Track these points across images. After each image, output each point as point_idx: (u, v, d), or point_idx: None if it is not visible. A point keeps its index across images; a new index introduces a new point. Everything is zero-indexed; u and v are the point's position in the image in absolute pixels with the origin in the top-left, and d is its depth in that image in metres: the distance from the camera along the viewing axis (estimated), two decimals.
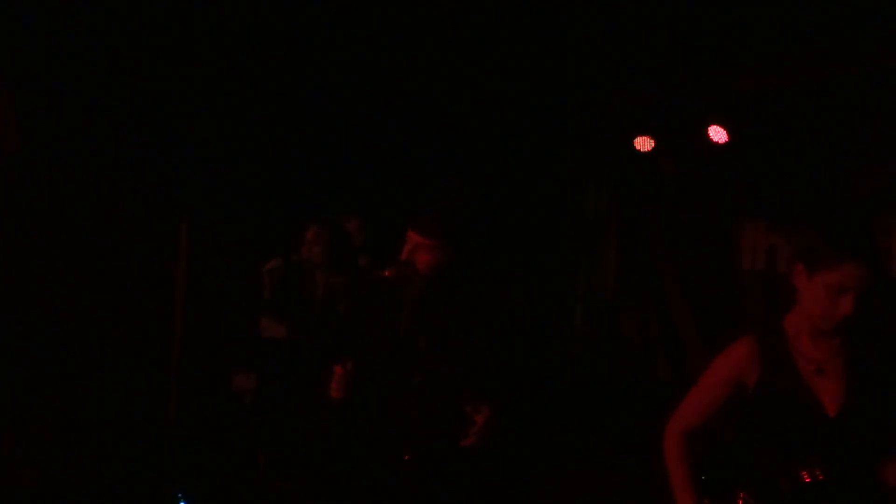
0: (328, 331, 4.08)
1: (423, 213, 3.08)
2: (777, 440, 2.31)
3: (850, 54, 4.99)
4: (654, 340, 6.04)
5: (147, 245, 5.35)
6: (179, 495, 4.83)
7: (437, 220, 3.08)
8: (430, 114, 5.93)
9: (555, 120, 6.35)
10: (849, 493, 2.25)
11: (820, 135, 5.20)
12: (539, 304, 6.28)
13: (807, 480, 2.23)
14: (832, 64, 5.09)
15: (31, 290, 4.93)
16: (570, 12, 4.88)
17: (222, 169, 5.54)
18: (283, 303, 4.79)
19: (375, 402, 3.46)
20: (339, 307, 4.32)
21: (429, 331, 3.16)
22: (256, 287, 5.01)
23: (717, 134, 5.50)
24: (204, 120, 5.41)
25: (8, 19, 4.67)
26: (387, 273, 3.25)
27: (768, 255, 5.56)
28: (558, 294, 6.45)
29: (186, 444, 5.33)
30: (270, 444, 5.14)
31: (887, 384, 2.26)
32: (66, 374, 5.02)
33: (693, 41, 5.10)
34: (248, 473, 5.11)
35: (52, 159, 4.99)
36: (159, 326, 5.43)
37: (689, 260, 5.92)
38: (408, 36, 5.13)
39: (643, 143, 5.84)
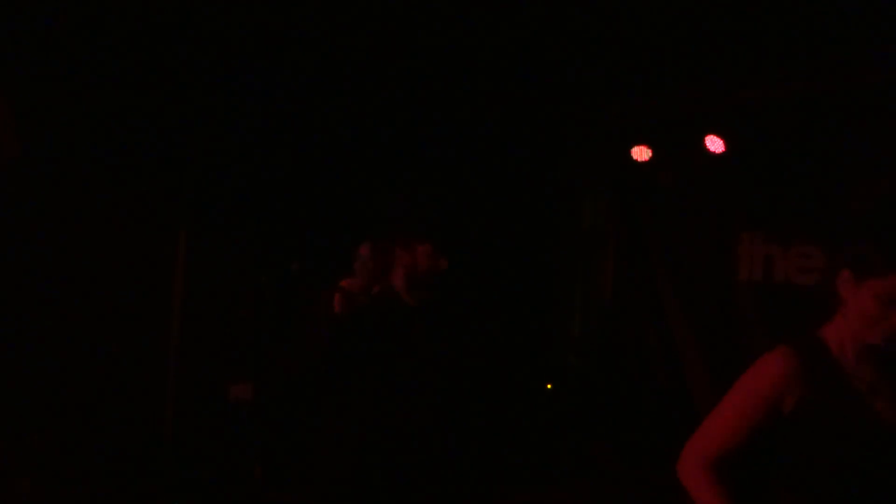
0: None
1: (403, 225, 3.23)
2: (826, 464, 2.11)
3: (847, 65, 5.00)
4: (651, 350, 6.04)
5: (145, 252, 5.34)
6: None
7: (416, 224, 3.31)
8: (426, 124, 5.94)
9: (552, 130, 6.36)
10: None
11: (816, 145, 5.21)
12: (537, 313, 6.28)
13: None
14: (829, 74, 5.11)
15: (27, 298, 4.92)
16: (566, 23, 4.89)
17: (222, 176, 5.53)
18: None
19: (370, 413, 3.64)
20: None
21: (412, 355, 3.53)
22: (256, 296, 5.00)
23: (714, 144, 5.52)
24: (203, 127, 5.41)
25: (7, 27, 4.68)
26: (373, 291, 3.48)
27: (765, 264, 5.56)
28: (556, 303, 6.45)
29: (183, 454, 5.32)
30: (267, 455, 5.13)
31: None
32: (62, 383, 5.01)
33: (690, 51, 5.12)
34: (244, 485, 5.10)
35: (52, 166, 4.99)
36: (156, 335, 5.42)
37: (686, 269, 5.92)
38: (405, 45, 5.14)
39: (640, 153, 5.85)
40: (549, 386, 6.05)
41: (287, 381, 4.70)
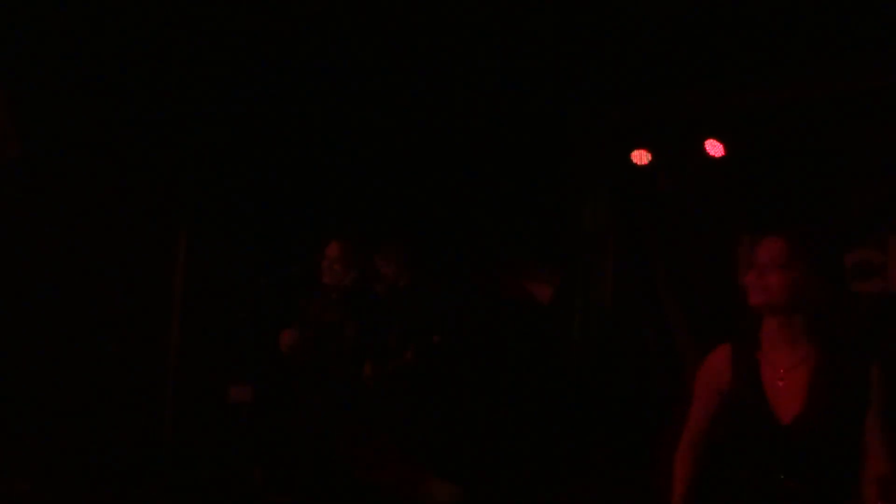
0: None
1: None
2: (740, 448, 2.31)
3: (847, 70, 5.02)
4: (652, 353, 6.03)
5: (145, 253, 5.34)
6: None
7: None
8: (427, 127, 5.94)
9: (552, 133, 6.37)
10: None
11: (816, 149, 5.22)
12: (537, 316, 6.27)
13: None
14: (829, 79, 5.13)
15: (27, 298, 4.91)
16: (567, 26, 4.91)
17: (222, 176, 5.53)
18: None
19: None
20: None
21: None
22: (255, 297, 5.00)
23: (714, 148, 5.53)
24: (204, 126, 5.41)
25: (7, 27, 4.67)
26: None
27: None
28: (556, 306, 6.44)
29: (182, 456, 5.30)
30: (267, 458, 5.11)
31: (846, 394, 2.21)
32: (61, 385, 4.99)
33: (690, 55, 5.13)
34: (244, 488, 5.09)
35: (52, 167, 4.99)
36: (156, 336, 5.41)
37: (686, 273, 5.92)
38: (407, 48, 5.15)
39: (640, 157, 5.86)
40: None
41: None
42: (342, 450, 3.95)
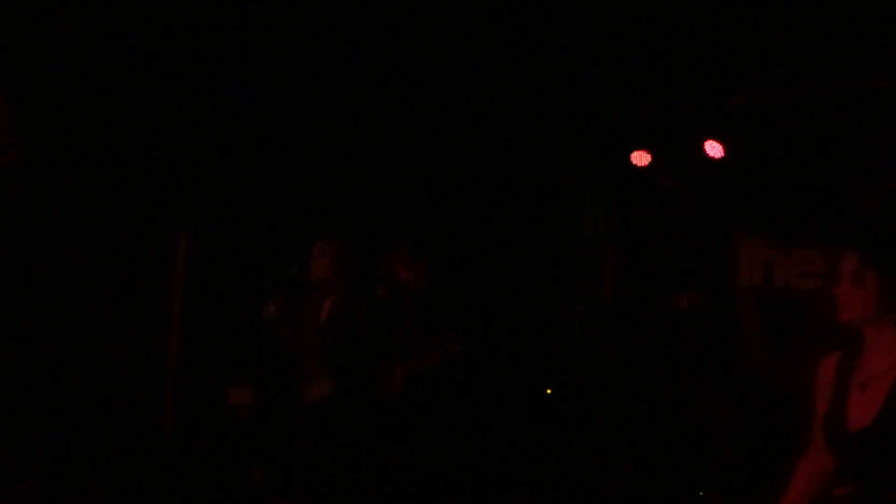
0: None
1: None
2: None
3: (846, 70, 5.02)
4: (651, 355, 6.02)
5: (145, 253, 5.34)
6: None
7: None
8: (427, 128, 5.94)
9: (552, 135, 6.37)
10: None
11: (816, 149, 5.22)
12: (537, 318, 6.28)
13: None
14: (827, 80, 5.13)
15: (27, 299, 4.91)
16: (567, 28, 4.91)
17: (222, 177, 5.53)
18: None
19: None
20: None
21: None
22: (255, 299, 5.00)
23: (714, 149, 5.52)
24: (204, 128, 5.42)
25: (7, 31, 4.68)
26: None
27: (765, 269, 5.55)
28: (556, 308, 6.44)
29: (182, 458, 5.31)
30: (267, 459, 5.12)
31: None
32: (61, 387, 5.00)
33: (689, 57, 5.13)
34: (244, 489, 5.09)
35: (52, 168, 4.99)
36: (156, 337, 5.41)
37: (686, 274, 5.92)
38: (407, 48, 5.15)
39: (640, 158, 5.86)
40: (548, 391, 6.04)
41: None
42: None
